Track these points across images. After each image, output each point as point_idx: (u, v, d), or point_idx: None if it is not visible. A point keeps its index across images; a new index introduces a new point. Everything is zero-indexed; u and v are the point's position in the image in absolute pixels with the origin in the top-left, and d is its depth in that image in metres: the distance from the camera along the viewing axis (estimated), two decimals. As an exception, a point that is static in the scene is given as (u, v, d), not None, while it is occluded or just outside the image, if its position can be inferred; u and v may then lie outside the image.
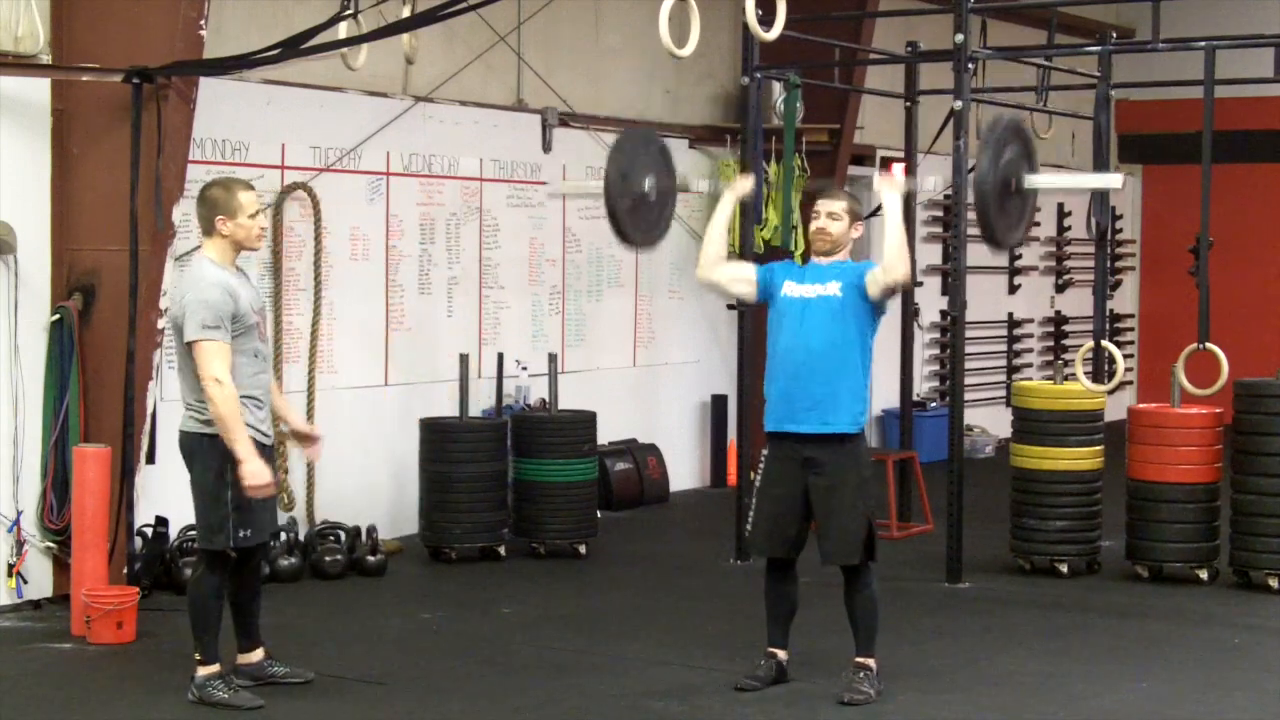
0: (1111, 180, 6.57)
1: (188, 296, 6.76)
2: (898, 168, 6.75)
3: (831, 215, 6.99)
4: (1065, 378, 9.82)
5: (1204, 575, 9.31)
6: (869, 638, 6.96)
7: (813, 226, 7.04)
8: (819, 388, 6.86)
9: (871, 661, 6.95)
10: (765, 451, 7.06)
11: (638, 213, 7.47)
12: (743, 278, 7.22)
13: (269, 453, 6.90)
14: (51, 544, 8.35)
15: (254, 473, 6.60)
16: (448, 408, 10.38)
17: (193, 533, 8.65)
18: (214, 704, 6.75)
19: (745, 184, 7.43)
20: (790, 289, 7.02)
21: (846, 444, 6.89)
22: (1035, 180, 6.90)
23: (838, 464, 6.87)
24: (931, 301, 14.84)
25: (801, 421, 6.89)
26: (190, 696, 6.82)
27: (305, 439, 7.38)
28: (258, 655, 7.08)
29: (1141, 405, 9.85)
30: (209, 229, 6.84)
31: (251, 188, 6.98)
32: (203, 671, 6.81)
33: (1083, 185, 6.78)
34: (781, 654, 7.10)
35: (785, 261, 7.29)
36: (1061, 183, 6.88)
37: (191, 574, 7.17)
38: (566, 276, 11.71)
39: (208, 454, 6.73)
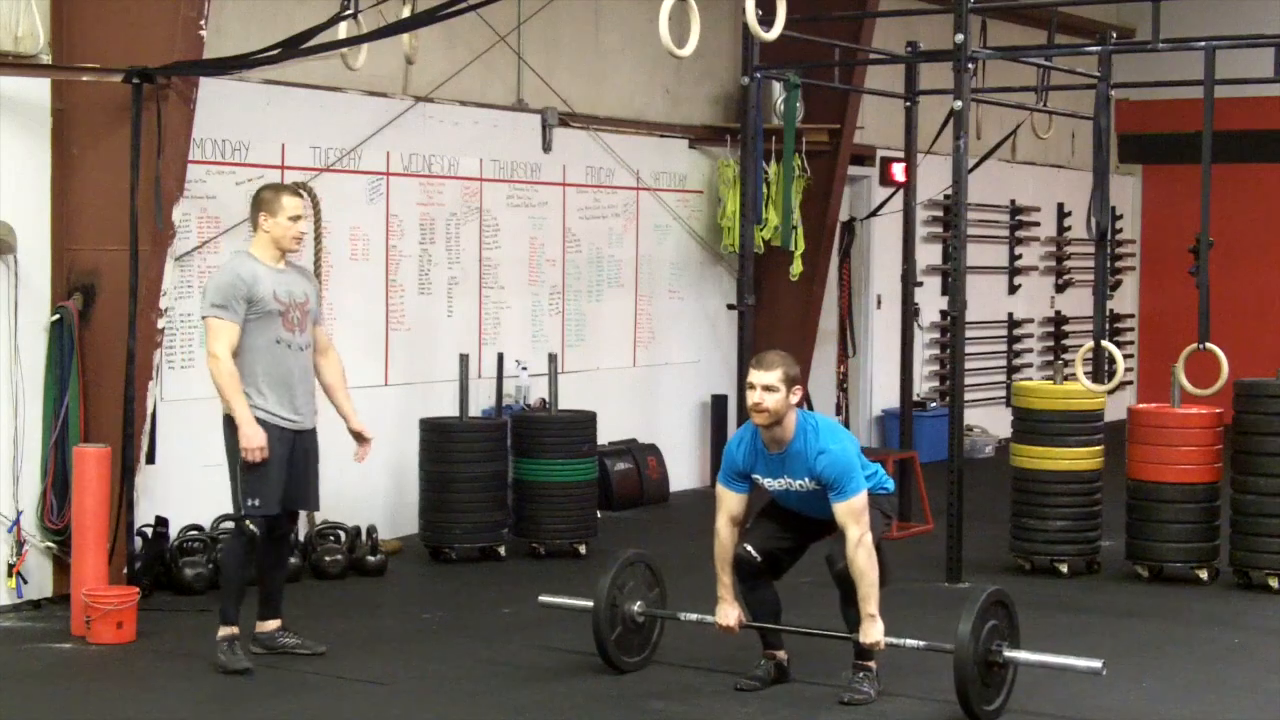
0: (1092, 665, 6.60)
1: (208, 281, 7.57)
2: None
3: (767, 388, 6.74)
4: (1065, 378, 9.82)
5: (1204, 575, 9.31)
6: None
7: (749, 400, 6.82)
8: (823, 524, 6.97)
9: (872, 663, 6.95)
10: None
11: (626, 637, 7.40)
12: (737, 505, 7.05)
13: (287, 435, 7.35)
14: (51, 544, 8.35)
15: (247, 435, 7.20)
16: (448, 408, 10.38)
17: (193, 532, 8.79)
18: (216, 664, 7.28)
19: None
20: (763, 481, 6.98)
21: None
22: (1016, 656, 6.85)
23: None
24: (931, 301, 14.84)
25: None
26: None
27: (357, 437, 7.79)
28: (271, 625, 7.52)
29: (1141, 405, 9.84)
30: (255, 224, 7.48)
31: (300, 195, 7.62)
32: (219, 632, 7.35)
33: (1064, 665, 6.77)
34: (780, 654, 7.11)
35: (740, 448, 6.98)
36: (1043, 660, 6.81)
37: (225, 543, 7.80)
38: (566, 276, 11.71)
39: (229, 432, 7.33)
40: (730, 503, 7.03)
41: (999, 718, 6.77)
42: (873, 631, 6.76)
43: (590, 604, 7.33)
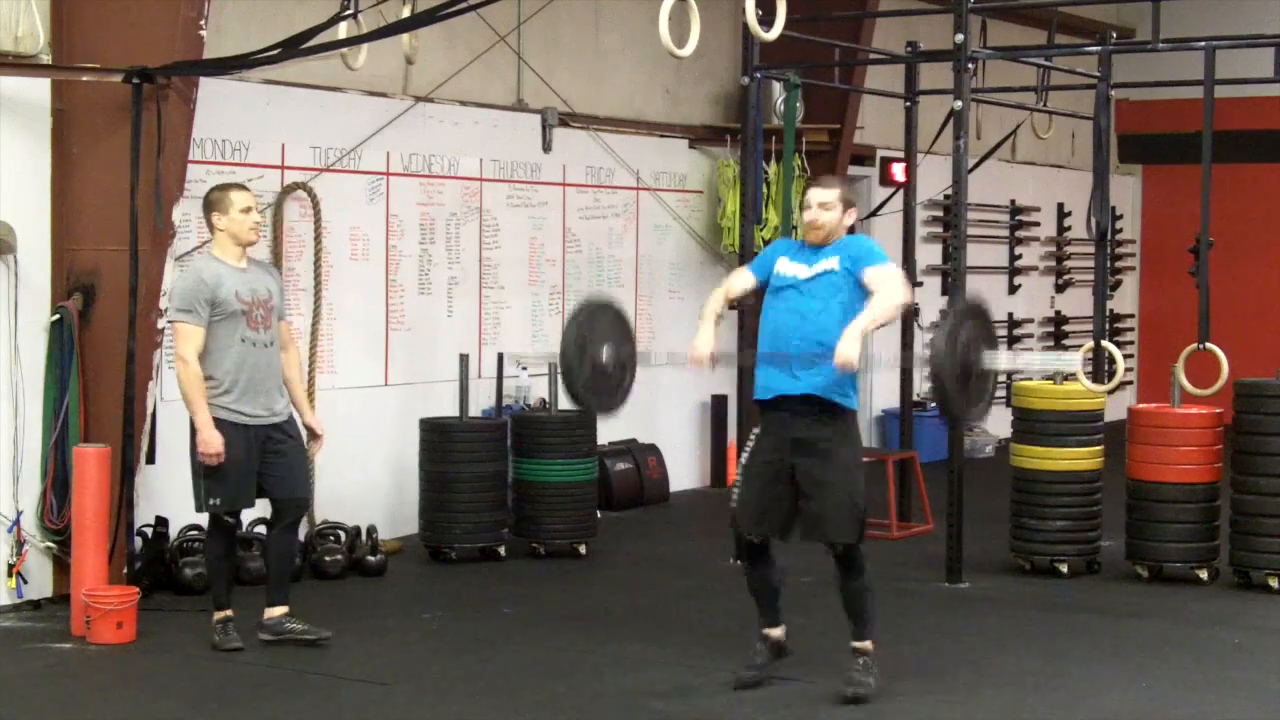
0: (1068, 363, 6.52)
1: (173, 285, 7.85)
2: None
3: (823, 205, 6.85)
4: (1065, 378, 9.82)
5: (1204, 575, 9.31)
6: (865, 622, 6.89)
7: (805, 217, 6.88)
8: (811, 350, 6.70)
9: (869, 644, 6.89)
10: (755, 430, 6.97)
11: (597, 381, 7.28)
12: (744, 283, 7.03)
13: (255, 433, 7.54)
14: (51, 544, 8.35)
15: (205, 440, 7.41)
16: (448, 408, 10.38)
17: (193, 532, 8.81)
18: (212, 644, 7.62)
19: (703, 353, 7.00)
20: (785, 266, 6.89)
21: (837, 420, 6.77)
22: (995, 360, 6.85)
23: (828, 442, 6.74)
24: (931, 301, 14.82)
25: (791, 384, 6.72)
26: None
27: (309, 433, 7.91)
28: (277, 612, 7.71)
29: (1141, 405, 9.84)
30: (210, 227, 7.65)
31: (245, 188, 7.74)
32: (214, 616, 7.68)
33: (1044, 367, 6.75)
34: (775, 632, 7.03)
35: (783, 240, 7.12)
36: (1023, 363, 6.79)
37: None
38: (566, 276, 11.71)
39: (193, 432, 7.52)
40: (740, 279, 7.04)
41: (980, 423, 6.76)
42: (846, 344, 6.54)
43: (557, 356, 7.22)
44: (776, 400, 6.84)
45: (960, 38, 9.29)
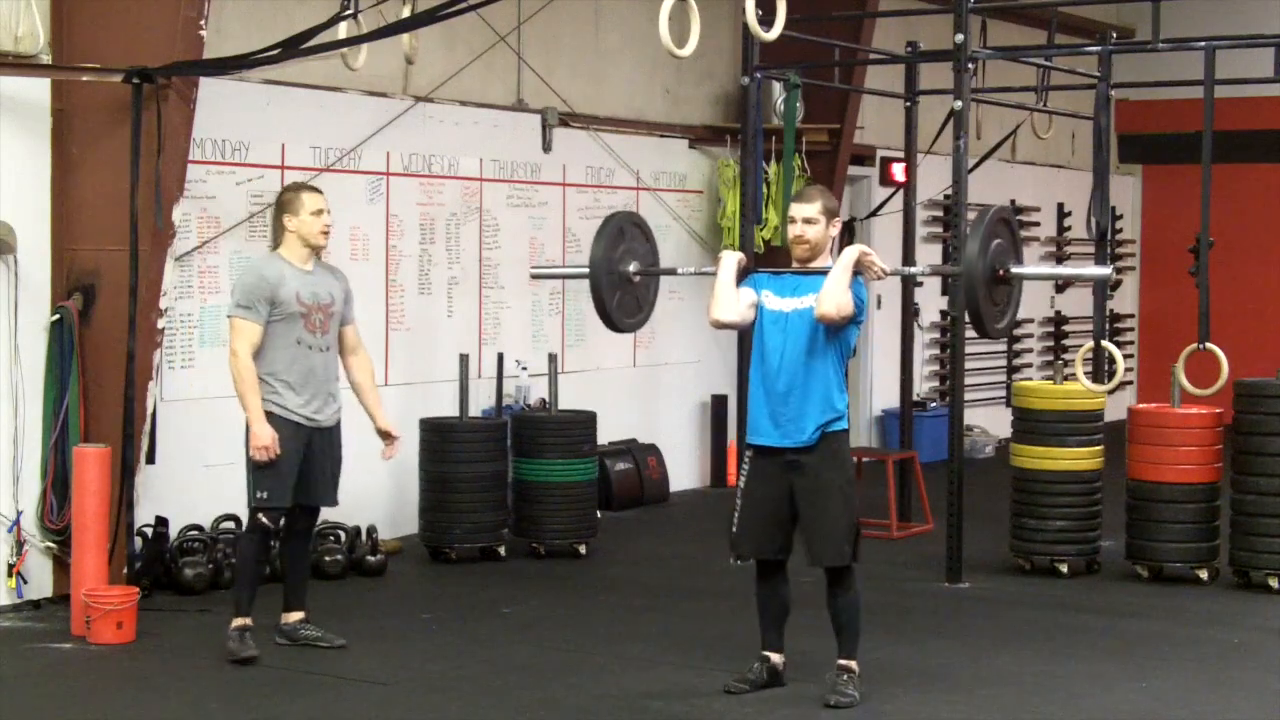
0: (1100, 271, 6.60)
1: (235, 279, 7.90)
2: (878, 263, 6.59)
3: (807, 220, 6.87)
4: (1065, 378, 9.82)
5: (1204, 575, 9.31)
6: (853, 641, 6.90)
7: (790, 232, 6.93)
8: (796, 402, 6.79)
9: (854, 664, 6.90)
10: (748, 453, 7.03)
11: (622, 294, 7.41)
12: (750, 303, 6.99)
13: (302, 432, 7.51)
14: (51, 544, 8.35)
15: (256, 435, 7.38)
16: (448, 408, 10.38)
17: (193, 532, 8.82)
18: (226, 651, 7.44)
19: (738, 256, 7.08)
20: (770, 300, 6.92)
21: (828, 442, 6.82)
22: (1023, 270, 6.94)
23: (820, 464, 6.80)
24: (931, 301, 14.85)
25: (782, 436, 6.83)
26: None
27: (384, 436, 7.97)
28: (294, 617, 7.72)
29: (1141, 405, 9.84)
30: (280, 228, 7.66)
31: (318, 190, 7.78)
32: (232, 622, 7.52)
33: (1070, 274, 6.83)
34: (775, 657, 7.04)
35: (763, 273, 7.08)
36: (1050, 271, 6.89)
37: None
38: (566, 276, 11.70)
39: (247, 427, 7.48)
40: (742, 294, 6.99)
41: (1006, 333, 7.01)
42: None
43: (586, 270, 7.37)
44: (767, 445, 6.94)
45: (960, 38, 9.29)
